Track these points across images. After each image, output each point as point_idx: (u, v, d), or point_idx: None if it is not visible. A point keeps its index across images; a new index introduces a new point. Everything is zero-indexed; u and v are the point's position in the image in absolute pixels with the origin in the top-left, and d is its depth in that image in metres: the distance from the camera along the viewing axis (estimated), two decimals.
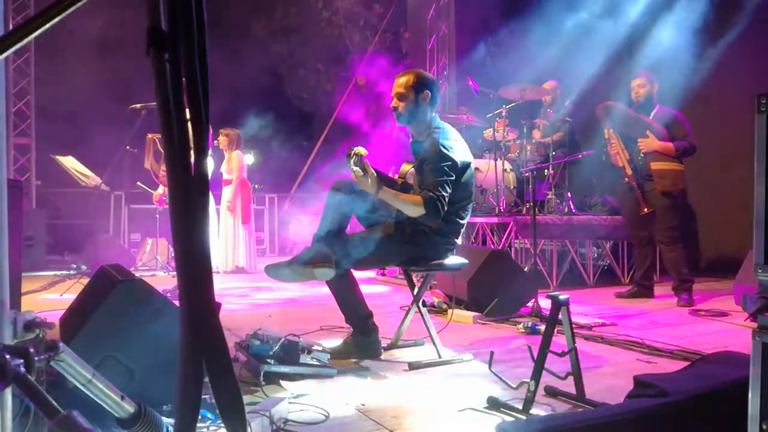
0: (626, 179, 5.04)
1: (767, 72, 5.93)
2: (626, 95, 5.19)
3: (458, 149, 3.01)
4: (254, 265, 7.46)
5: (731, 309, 4.29)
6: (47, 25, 0.76)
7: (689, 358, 2.87)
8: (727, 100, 6.16)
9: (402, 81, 3.09)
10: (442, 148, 2.92)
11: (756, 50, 6.09)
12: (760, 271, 1.36)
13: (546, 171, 6.20)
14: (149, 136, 5.70)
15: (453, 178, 2.94)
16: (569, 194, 6.17)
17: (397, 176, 3.35)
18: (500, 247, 5.74)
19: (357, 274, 3.09)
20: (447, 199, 2.90)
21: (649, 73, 5.11)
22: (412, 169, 3.25)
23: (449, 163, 2.92)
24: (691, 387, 1.80)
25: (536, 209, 4.94)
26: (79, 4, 0.74)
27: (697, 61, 6.18)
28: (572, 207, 6.08)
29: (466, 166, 3.05)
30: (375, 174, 2.84)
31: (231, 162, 7.36)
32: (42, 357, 1.10)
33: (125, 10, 7.49)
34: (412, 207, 2.89)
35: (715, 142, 6.21)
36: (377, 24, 11.93)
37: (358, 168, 2.80)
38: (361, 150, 2.81)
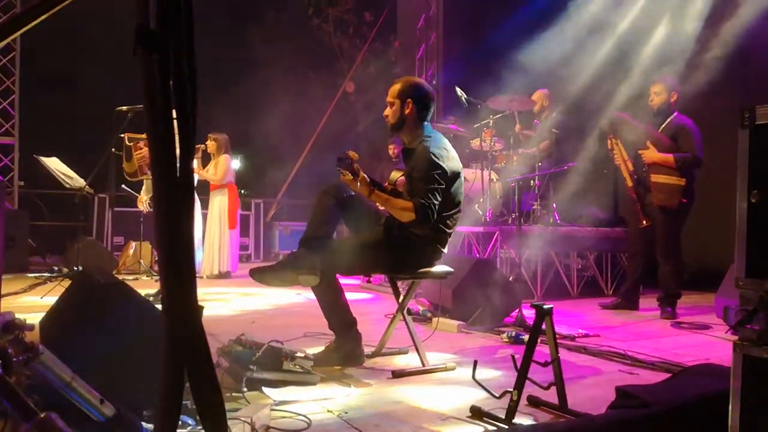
0: (629, 191, 4.99)
1: (752, 85, 6.01)
2: (619, 105, 5.21)
3: (449, 158, 3.02)
4: (235, 270, 7.42)
5: (713, 322, 4.32)
6: (33, 23, 0.75)
7: (671, 369, 2.88)
8: (711, 113, 6.23)
9: (391, 90, 3.13)
10: (433, 156, 2.93)
11: (742, 63, 6.17)
12: (741, 284, 1.37)
13: (532, 182, 6.24)
14: (123, 135, 5.64)
15: (443, 186, 2.94)
16: (554, 205, 6.20)
17: (387, 183, 3.36)
18: (486, 257, 5.75)
19: (342, 281, 3.08)
20: (437, 207, 2.90)
21: (671, 79, 4.92)
22: (402, 177, 3.25)
23: (439, 171, 2.93)
24: (672, 398, 1.81)
25: (522, 219, 4.94)
26: (65, 3, 0.73)
27: (684, 73, 6.25)
28: (557, 218, 6.11)
29: (456, 175, 3.05)
30: (366, 178, 2.84)
31: (217, 166, 7.33)
32: (21, 358, 1.08)
33: (113, 9, 7.44)
34: (402, 212, 2.89)
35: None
36: (367, 32, 11.97)
37: (348, 171, 2.80)
38: (352, 153, 2.81)
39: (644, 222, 4.86)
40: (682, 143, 4.73)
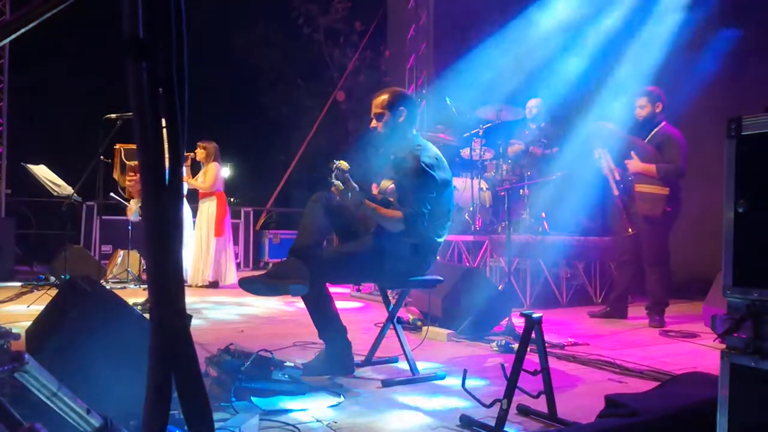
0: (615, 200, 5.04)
1: (739, 94, 6.07)
2: (614, 113, 5.25)
3: (439, 167, 3.03)
4: (225, 279, 7.36)
5: (701, 330, 4.35)
6: (22, 30, 0.75)
7: (659, 378, 2.89)
8: (698, 122, 6.29)
9: (378, 101, 3.11)
10: (423, 165, 2.94)
11: (729, 73, 6.23)
12: (728, 292, 1.38)
13: (521, 190, 6.26)
14: (117, 146, 5.66)
15: (434, 195, 2.95)
16: (543, 214, 6.23)
17: (377, 191, 3.36)
18: (475, 265, 5.76)
19: (331, 290, 3.07)
20: (427, 216, 2.91)
21: (655, 91, 4.95)
22: (392, 185, 3.25)
23: (430, 180, 2.94)
24: (661, 407, 1.82)
25: (511, 228, 4.96)
26: (54, 10, 0.73)
27: (672, 82, 6.31)
28: (546, 227, 6.13)
29: (447, 184, 3.06)
30: (357, 188, 2.84)
31: (207, 174, 7.30)
32: (6, 368, 1.07)
33: (103, 18, 7.44)
34: (392, 222, 2.89)
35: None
36: (357, 42, 12.01)
37: (339, 182, 2.80)
38: (343, 163, 2.81)
39: (629, 230, 4.92)
40: (666, 153, 4.78)
